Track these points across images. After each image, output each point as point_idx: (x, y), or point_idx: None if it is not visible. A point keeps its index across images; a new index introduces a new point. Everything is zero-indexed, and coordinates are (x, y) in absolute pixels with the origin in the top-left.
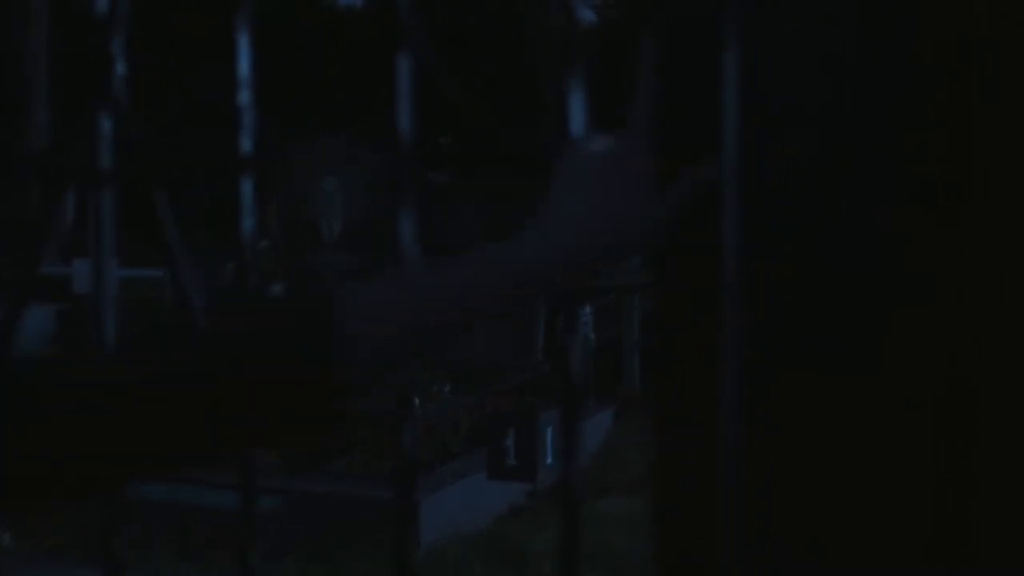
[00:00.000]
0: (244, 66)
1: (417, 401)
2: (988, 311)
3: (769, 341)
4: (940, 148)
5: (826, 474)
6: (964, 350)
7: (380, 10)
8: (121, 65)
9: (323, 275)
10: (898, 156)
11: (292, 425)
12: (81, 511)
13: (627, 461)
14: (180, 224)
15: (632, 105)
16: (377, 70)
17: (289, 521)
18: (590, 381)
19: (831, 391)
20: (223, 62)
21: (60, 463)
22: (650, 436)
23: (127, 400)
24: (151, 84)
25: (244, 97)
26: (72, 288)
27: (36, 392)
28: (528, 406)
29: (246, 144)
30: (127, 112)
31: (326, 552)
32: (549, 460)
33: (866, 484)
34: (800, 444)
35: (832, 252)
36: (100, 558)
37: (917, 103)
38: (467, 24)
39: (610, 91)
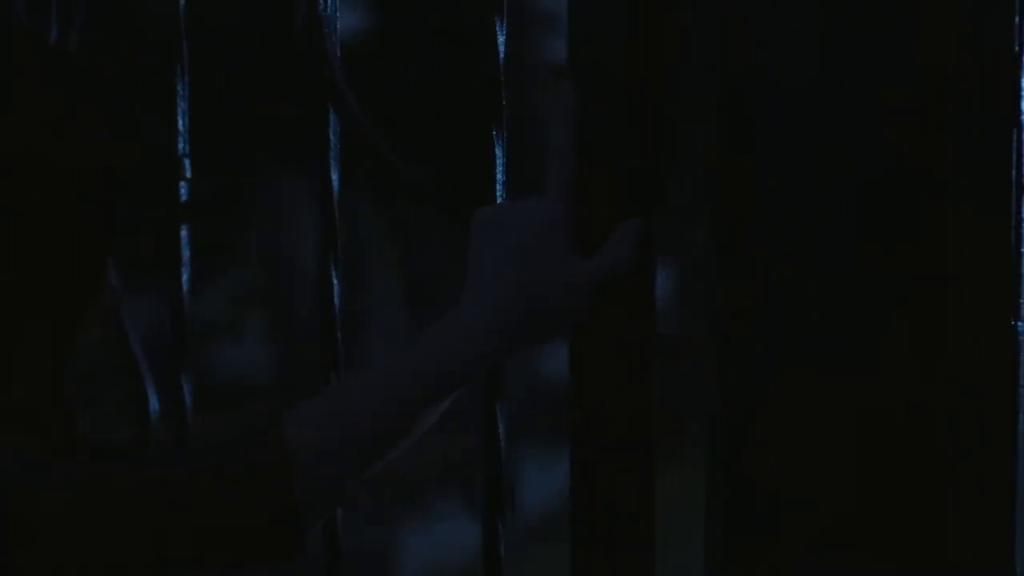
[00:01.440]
0: (182, 116)
1: None
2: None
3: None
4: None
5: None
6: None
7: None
8: None
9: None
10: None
11: (259, 560)
12: None
13: None
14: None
15: (548, 160)
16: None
17: None
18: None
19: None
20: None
21: None
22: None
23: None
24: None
25: (182, 146)
26: None
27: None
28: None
29: (183, 192)
30: None
31: None
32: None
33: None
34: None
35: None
36: None
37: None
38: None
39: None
